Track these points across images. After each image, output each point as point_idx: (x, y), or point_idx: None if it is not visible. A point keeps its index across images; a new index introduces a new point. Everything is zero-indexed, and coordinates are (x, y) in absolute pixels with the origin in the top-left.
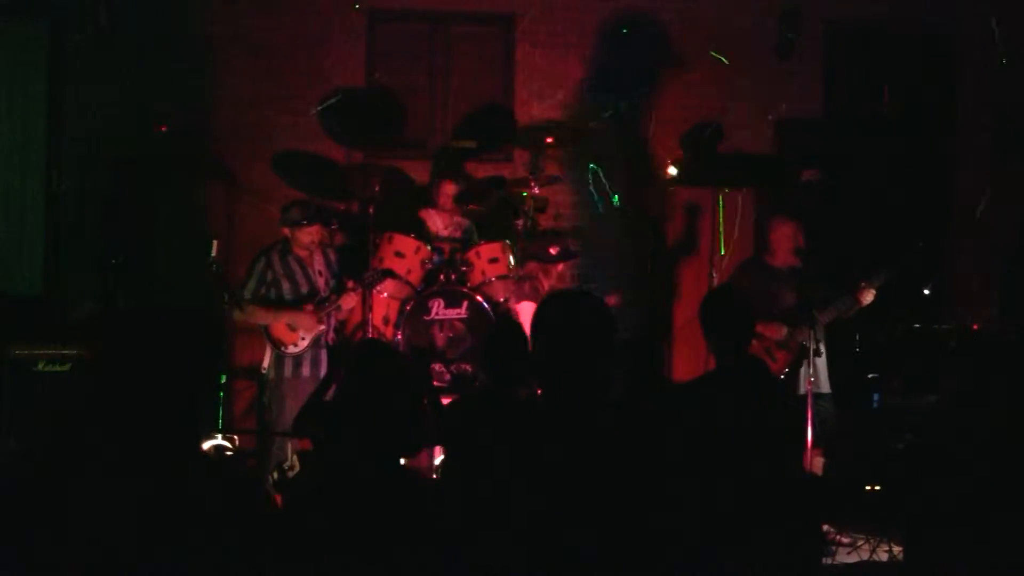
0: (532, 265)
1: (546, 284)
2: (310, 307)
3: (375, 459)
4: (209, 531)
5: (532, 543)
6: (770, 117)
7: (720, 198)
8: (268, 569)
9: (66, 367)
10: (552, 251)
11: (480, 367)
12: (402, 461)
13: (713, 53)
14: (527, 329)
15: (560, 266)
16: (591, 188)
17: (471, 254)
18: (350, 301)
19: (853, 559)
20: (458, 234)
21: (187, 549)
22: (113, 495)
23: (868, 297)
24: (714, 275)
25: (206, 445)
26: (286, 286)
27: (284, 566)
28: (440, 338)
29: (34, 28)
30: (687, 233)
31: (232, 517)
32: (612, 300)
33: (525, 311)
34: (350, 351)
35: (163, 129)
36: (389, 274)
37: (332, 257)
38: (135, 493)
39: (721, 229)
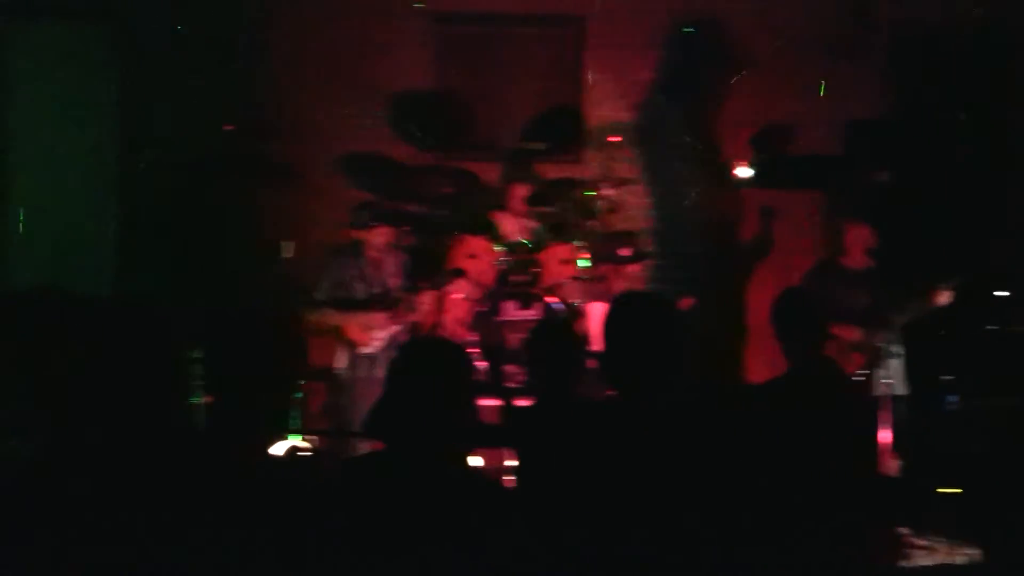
0: (604, 266)
1: (617, 285)
2: (382, 309)
3: (427, 457)
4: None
5: (599, 544)
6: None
7: None
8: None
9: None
10: (624, 252)
11: (529, 370)
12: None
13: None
14: (598, 329)
15: (631, 267)
16: None
17: (542, 256)
18: (424, 302)
19: (929, 562)
20: (529, 236)
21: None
22: (180, 494)
23: (943, 299)
24: (786, 276)
25: (281, 446)
26: (359, 288)
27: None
28: (512, 340)
29: (105, 29)
30: (759, 234)
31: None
32: (685, 302)
33: (596, 312)
34: (403, 349)
35: (229, 128)
36: (461, 275)
37: (404, 259)
38: (204, 492)
39: None
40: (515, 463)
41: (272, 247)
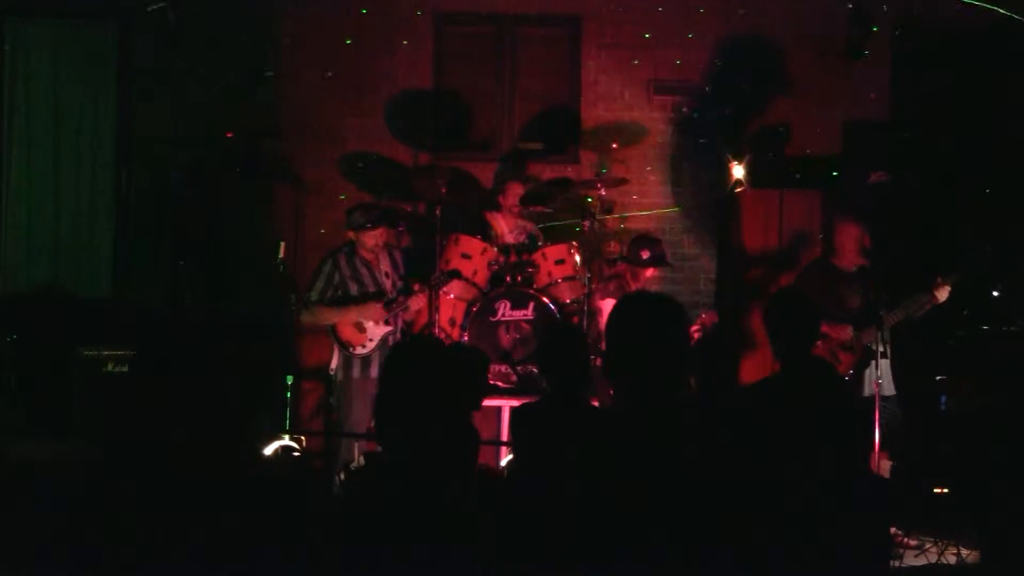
0: (622, 265)
1: (633, 286)
2: (379, 303)
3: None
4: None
5: (603, 544)
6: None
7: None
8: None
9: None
10: (644, 255)
11: (541, 372)
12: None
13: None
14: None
15: (649, 271)
16: None
17: (537, 255)
18: (418, 302)
19: (921, 562)
20: (524, 236)
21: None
22: (174, 495)
23: (943, 294)
24: (780, 277)
25: (273, 446)
26: (353, 288)
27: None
28: (506, 339)
29: (104, 29)
30: (753, 235)
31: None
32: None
33: (608, 309)
34: (392, 350)
35: (229, 135)
36: (456, 275)
37: (398, 259)
38: (195, 493)
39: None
40: (509, 462)
41: (267, 247)
